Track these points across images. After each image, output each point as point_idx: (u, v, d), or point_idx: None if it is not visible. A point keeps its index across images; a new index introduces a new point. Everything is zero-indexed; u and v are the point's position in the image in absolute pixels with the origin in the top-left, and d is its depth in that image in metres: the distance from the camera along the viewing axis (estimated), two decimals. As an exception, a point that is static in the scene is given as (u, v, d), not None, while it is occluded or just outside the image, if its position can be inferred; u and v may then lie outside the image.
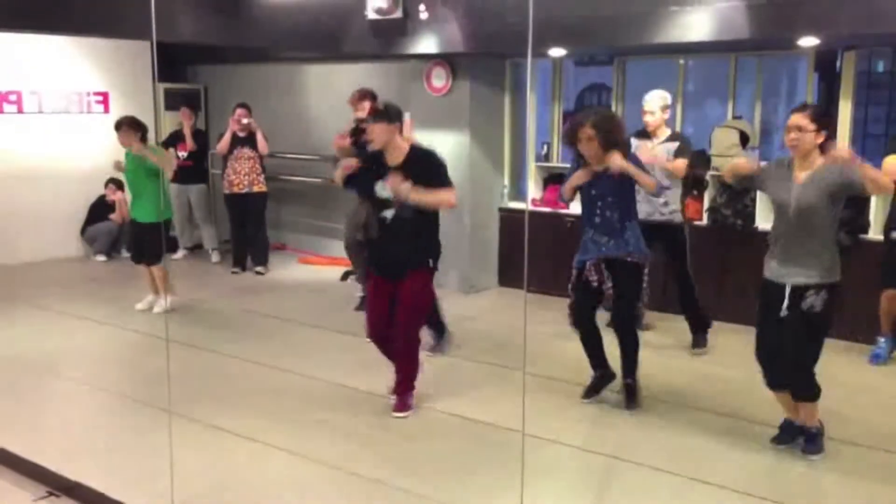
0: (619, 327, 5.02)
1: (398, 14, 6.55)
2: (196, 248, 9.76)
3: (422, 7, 6.47)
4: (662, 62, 7.96)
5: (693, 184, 7.11)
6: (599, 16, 6.13)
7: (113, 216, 9.45)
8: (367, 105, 6.23)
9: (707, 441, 4.60)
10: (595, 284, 4.90)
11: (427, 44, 7.08)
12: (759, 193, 6.69)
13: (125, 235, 9.41)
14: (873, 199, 6.24)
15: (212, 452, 4.43)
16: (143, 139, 6.91)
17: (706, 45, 6.29)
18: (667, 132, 6.23)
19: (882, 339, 5.98)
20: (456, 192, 4.77)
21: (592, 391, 5.13)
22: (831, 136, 4.27)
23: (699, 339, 6.21)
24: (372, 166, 4.72)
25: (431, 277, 4.90)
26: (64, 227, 8.23)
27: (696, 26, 5.83)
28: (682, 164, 6.03)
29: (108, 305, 7.47)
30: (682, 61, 7.59)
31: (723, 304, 6.83)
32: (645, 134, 6.26)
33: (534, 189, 8.13)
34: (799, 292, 4.14)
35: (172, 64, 10.19)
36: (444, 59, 7.76)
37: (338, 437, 4.66)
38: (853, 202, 5.72)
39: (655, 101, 6.16)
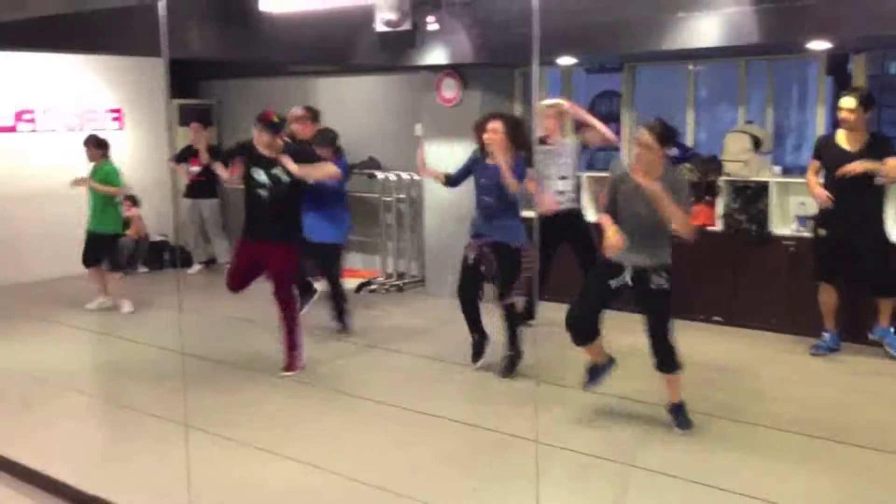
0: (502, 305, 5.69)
1: (407, 26, 6.54)
2: (210, 263, 9.80)
3: (431, 19, 6.48)
4: (672, 68, 7.96)
5: (705, 189, 7.10)
6: (607, 23, 6.13)
7: (129, 232, 9.50)
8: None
9: (729, 450, 4.58)
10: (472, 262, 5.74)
11: (436, 55, 7.11)
12: (770, 199, 6.70)
13: (141, 251, 9.49)
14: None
15: (227, 464, 4.44)
16: (105, 155, 7.79)
17: (716, 50, 6.29)
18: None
19: (826, 334, 6.12)
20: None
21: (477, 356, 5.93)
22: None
23: None
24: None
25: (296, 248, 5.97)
26: (80, 244, 8.27)
27: (705, 32, 5.82)
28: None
29: (124, 320, 7.52)
30: (691, 67, 7.58)
31: (736, 309, 6.80)
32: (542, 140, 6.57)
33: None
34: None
35: (186, 80, 10.26)
36: (454, 69, 7.79)
37: (351, 446, 4.67)
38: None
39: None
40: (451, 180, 6.10)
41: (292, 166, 5.68)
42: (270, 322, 7.13)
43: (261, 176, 5.77)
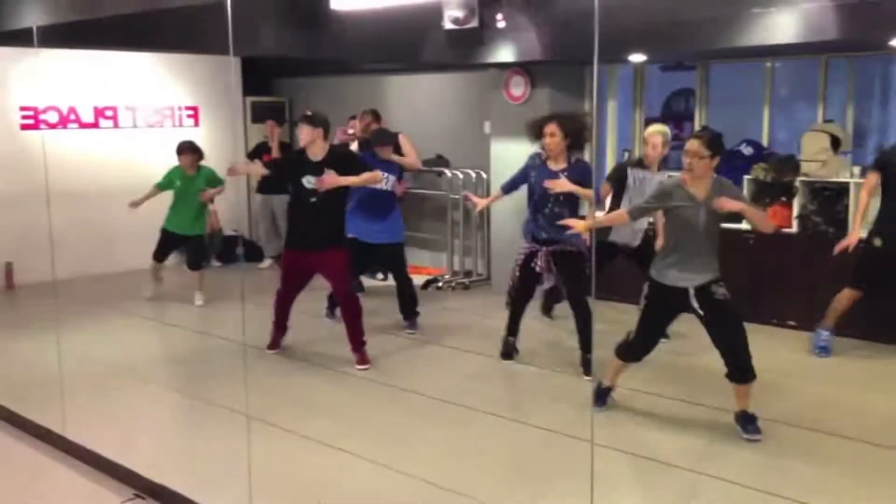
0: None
1: (474, 24, 6.52)
2: (280, 258, 9.93)
3: (499, 16, 6.43)
4: (748, 65, 7.75)
5: (782, 190, 6.90)
6: (680, 20, 5.99)
7: (203, 226, 9.73)
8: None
9: (794, 459, 4.44)
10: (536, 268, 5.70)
11: (504, 52, 7.07)
12: (849, 201, 6.47)
13: (215, 245, 9.70)
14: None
15: (290, 457, 4.50)
16: (201, 159, 7.97)
17: (794, 47, 6.09)
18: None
19: (825, 332, 6.09)
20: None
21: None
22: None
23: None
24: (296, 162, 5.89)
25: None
26: (156, 237, 8.51)
27: (782, 28, 5.63)
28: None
29: (196, 313, 7.70)
30: (769, 64, 7.37)
31: (811, 314, 6.59)
32: (640, 164, 6.29)
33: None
34: None
35: (259, 77, 10.44)
36: (523, 67, 7.73)
37: (413, 445, 4.68)
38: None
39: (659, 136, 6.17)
40: (506, 189, 6.06)
41: (333, 182, 5.66)
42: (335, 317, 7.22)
43: (311, 183, 5.76)
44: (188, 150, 7.94)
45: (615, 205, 6.21)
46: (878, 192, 5.95)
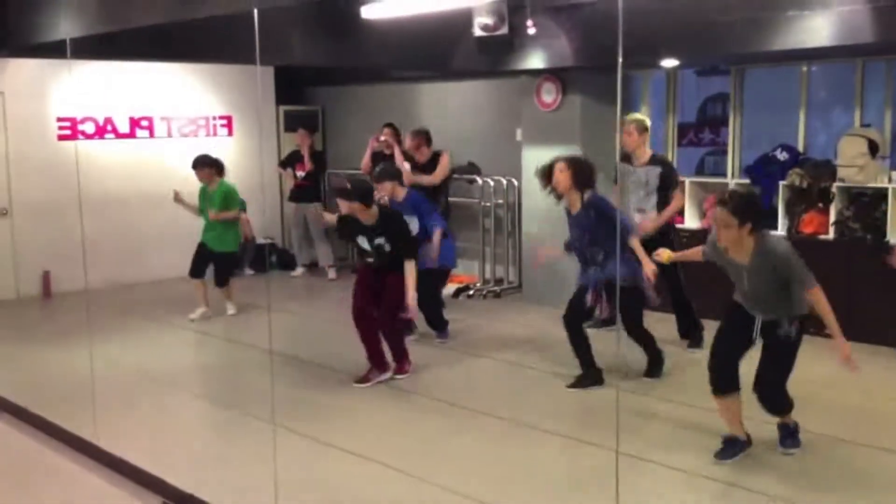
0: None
1: (504, 30, 6.52)
2: (313, 266, 9.99)
3: (529, 23, 6.42)
4: (784, 69, 7.63)
5: (818, 196, 6.78)
6: (713, 24, 5.92)
7: (236, 234, 9.80)
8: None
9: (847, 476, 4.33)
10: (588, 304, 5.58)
11: (535, 59, 7.04)
12: (888, 206, 6.32)
13: (248, 253, 9.77)
14: None
15: (317, 467, 4.49)
16: (221, 174, 7.74)
17: (830, 50, 5.98)
18: (648, 154, 6.31)
19: None
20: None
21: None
22: None
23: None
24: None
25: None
26: (190, 246, 8.59)
27: (818, 31, 5.54)
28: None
29: (228, 321, 7.75)
30: (804, 68, 7.25)
31: (849, 322, 6.42)
32: (626, 157, 6.33)
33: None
34: None
35: (291, 86, 10.51)
36: (554, 73, 7.69)
37: (443, 455, 4.65)
38: None
39: (632, 123, 6.22)
40: (566, 245, 5.80)
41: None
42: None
43: (365, 244, 5.79)
44: (201, 163, 7.70)
45: (622, 200, 6.29)
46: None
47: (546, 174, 5.58)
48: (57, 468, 4.67)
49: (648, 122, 6.45)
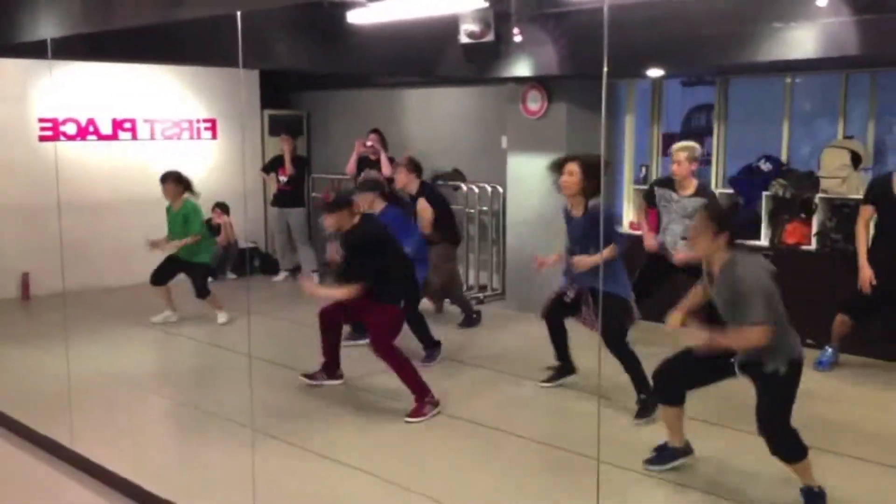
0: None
1: (490, 38, 6.52)
2: (296, 271, 9.93)
3: (515, 30, 6.42)
4: (769, 81, 7.67)
5: (801, 207, 6.81)
6: (699, 34, 5.94)
7: (219, 238, 9.74)
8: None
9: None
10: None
11: (521, 67, 7.03)
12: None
13: (231, 257, 9.71)
14: None
15: (296, 473, 4.45)
16: (187, 190, 7.59)
17: (814, 62, 6.01)
18: (694, 185, 6.09)
19: (829, 349, 6.19)
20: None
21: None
22: None
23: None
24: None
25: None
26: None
27: (802, 43, 5.56)
28: None
29: (209, 325, 7.68)
30: (789, 79, 7.29)
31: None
32: (668, 183, 6.18)
33: (630, 212, 7.94)
34: None
35: (277, 91, 10.47)
36: (540, 81, 7.69)
37: (422, 462, 4.63)
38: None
39: (683, 152, 6.04)
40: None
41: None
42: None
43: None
44: (168, 179, 7.53)
45: (656, 224, 6.28)
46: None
47: (559, 168, 5.36)
48: (31, 473, 4.60)
49: (699, 151, 6.21)
